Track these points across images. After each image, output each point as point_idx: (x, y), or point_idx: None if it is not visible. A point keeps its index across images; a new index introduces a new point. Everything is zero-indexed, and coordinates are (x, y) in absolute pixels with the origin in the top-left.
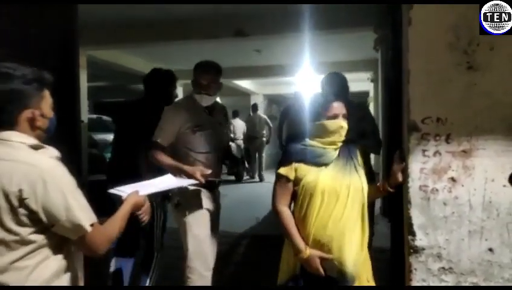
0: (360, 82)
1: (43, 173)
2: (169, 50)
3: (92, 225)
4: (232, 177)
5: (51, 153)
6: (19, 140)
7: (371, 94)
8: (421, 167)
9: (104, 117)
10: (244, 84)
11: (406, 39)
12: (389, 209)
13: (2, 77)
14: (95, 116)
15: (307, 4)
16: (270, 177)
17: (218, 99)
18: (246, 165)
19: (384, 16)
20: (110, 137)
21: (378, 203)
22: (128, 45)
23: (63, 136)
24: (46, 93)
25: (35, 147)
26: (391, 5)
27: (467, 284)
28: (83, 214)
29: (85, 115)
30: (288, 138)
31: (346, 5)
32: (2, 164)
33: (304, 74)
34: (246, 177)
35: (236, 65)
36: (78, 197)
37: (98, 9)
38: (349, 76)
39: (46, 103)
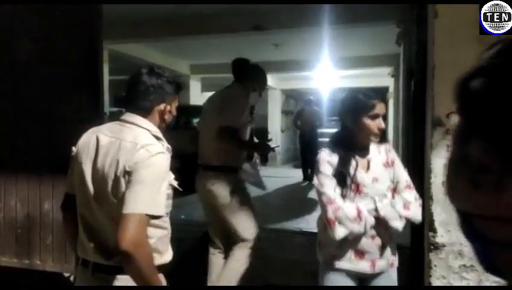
0: (379, 77)
1: (151, 158)
2: (189, 44)
3: (136, 216)
4: None
5: (166, 144)
6: (146, 126)
7: (391, 89)
8: (444, 163)
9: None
10: None
11: (432, 32)
12: None
13: (155, 74)
14: (115, 109)
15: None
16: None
17: None
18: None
19: (408, 9)
20: None
21: None
22: (148, 39)
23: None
24: (176, 96)
25: (156, 136)
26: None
27: (488, 284)
28: (140, 203)
29: (106, 108)
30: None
31: None
32: (124, 144)
33: (323, 69)
34: None
35: (255, 60)
36: (150, 191)
37: (118, 4)
38: (368, 71)
39: (175, 103)
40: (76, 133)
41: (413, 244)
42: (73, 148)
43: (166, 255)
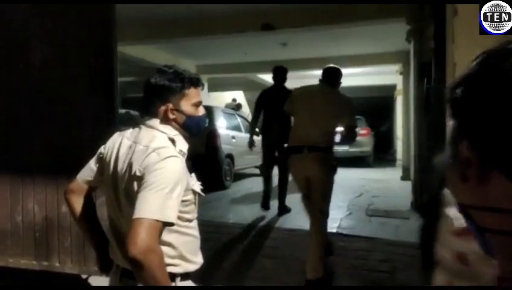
0: (386, 75)
1: (160, 162)
2: (195, 45)
3: (145, 222)
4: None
5: (179, 147)
6: (163, 129)
7: (398, 87)
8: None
9: (132, 112)
10: (268, 78)
11: (451, 31)
12: (421, 205)
13: (159, 73)
14: (123, 110)
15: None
16: None
17: (241, 93)
18: None
19: (418, 6)
20: None
21: (409, 198)
22: (156, 40)
23: (102, 127)
24: (190, 92)
25: (171, 139)
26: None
27: None
28: (150, 208)
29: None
30: None
31: None
32: (138, 148)
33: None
34: None
35: (261, 59)
36: (159, 196)
37: (127, 5)
38: (375, 69)
39: (187, 101)
40: (92, 135)
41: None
42: (102, 149)
43: (194, 263)
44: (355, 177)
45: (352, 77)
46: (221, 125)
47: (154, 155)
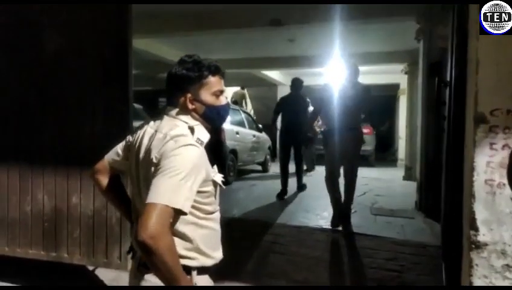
0: (390, 74)
1: (176, 149)
2: (203, 40)
3: (156, 207)
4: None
5: (198, 135)
6: (184, 119)
7: (402, 86)
8: (487, 161)
9: (136, 105)
10: (272, 74)
11: (474, 26)
12: (426, 204)
13: (179, 64)
14: None
15: None
16: None
17: (245, 90)
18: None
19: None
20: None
21: (413, 197)
22: (163, 34)
23: (115, 119)
24: (209, 81)
25: (190, 128)
26: None
27: None
28: (162, 194)
29: None
30: None
31: None
32: (158, 136)
33: (334, 65)
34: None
35: (268, 55)
36: (172, 182)
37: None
38: (379, 68)
39: (207, 90)
40: (105, 127)
41: (447, 243)
42: (130, 136)
43: (212, 258)
44: (358, 176)
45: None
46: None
47: (172, 143)
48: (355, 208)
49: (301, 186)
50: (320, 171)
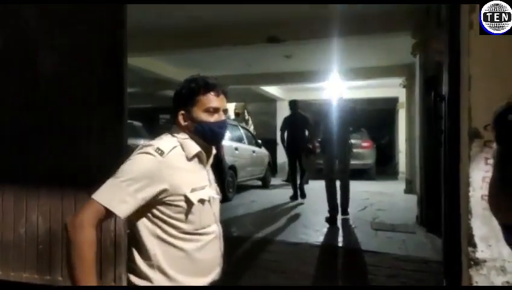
0: (389, 88)
1: (135, 155)
2: (201, 56)
3: (90, 201)
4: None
5: (158, 144)
6: (175, 134)
7: (401, 100)
8: (483, 176)
9: (135, 123)
10: (271, 90)
11: (466, 43)
12: (427, 218)
13: (182, 82)
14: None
15: (343, 9)
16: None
17: (233, 105)
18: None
19: (425, 19)
20: (141, 142)
21: (414, 211)
22: (161, 52)
23: (110, 138)
24: (200, 98)
25: (180, 143)
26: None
27: None
28: (100, 191)
29: None
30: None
31: (382, 10)
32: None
33: (332, 80)
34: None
35: (265, 71)
36: (112, 182)
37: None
38: (378, 82)
39: (199, 107)
40: (100, 146)
41: (448, 260)
42: None
43: (179, 282)
44: (359, 190)
45: (356, 90)
46: (225, 136)
47: (136, 151)
48: (355, 223)
49: (303, 194)
50: (318, 186)
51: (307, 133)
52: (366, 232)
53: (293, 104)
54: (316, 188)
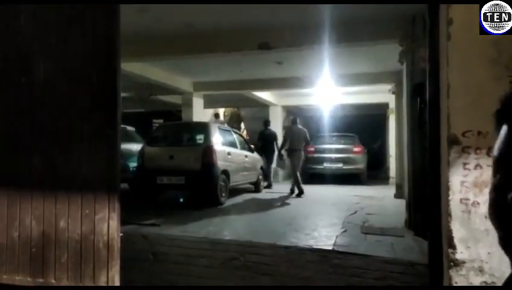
0: (379, 94)
1: None
2: (192, 62)
3: None
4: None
5: None
6: None
7: (391, 105)
8: (461, 180)
9: (129, 127)
10: (263, 95)
11: (445, 53)
12: (414, 222)
13: None
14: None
15: (333, 18)
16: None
17: (222, 109)
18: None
19: (410, 28)
20: (134, 147)
21: (403, 216)
22: (154, 58)
23: (103, 143)
24: None
25: None
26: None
27: None
28: None
29: None
30: None
31: (370, 18)
32: None
33: (324, 85)
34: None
35: (257, 77)
36: None
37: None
38: (368, 88)
39: None
40: (93, 151)
41: (431, 262)
42: None
43: None
44: (349, 195)
45: (347, 96)
46: (217, 141)
47: None
48: (345, 227)
49: (293, 192)
50: (312, 190)
51: (274, 144)
52: (355, 235)
53: (266, 123)
54: (307, 195)
